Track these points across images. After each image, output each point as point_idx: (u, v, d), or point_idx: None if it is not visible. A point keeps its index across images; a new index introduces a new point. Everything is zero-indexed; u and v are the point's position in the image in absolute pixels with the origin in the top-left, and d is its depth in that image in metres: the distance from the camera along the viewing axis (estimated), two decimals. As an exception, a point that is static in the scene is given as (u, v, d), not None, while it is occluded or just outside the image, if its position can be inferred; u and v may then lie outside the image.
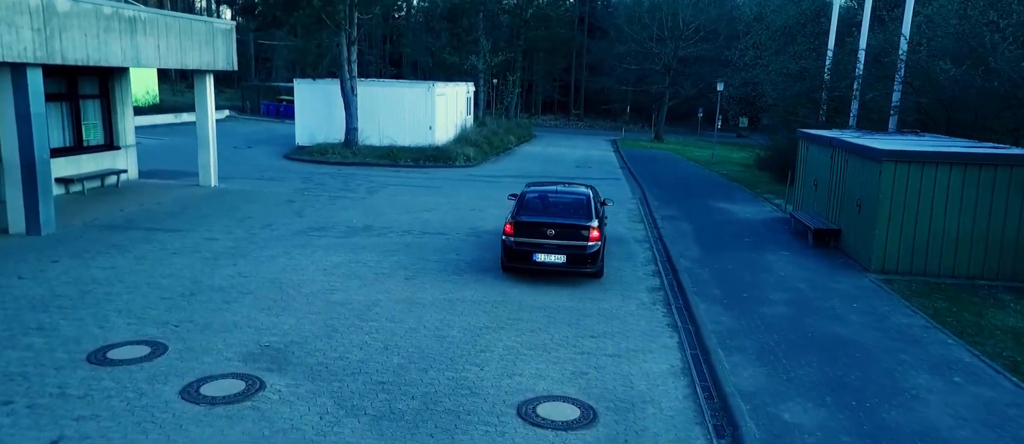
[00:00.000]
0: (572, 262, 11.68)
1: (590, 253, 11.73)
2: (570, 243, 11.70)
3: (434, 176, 25.42)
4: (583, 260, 11.70)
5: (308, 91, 32.32)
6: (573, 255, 11.66)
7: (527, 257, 11.80)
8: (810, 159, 17.05)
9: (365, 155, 28.53)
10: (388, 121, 32.02)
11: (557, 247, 11.70)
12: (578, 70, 77.45)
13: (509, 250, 11.97)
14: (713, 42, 55.06)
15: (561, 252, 11.66)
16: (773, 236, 16.25)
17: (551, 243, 11.74)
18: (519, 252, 11.85)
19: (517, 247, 11.87)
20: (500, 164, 31.22)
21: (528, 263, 11.84)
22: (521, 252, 11.83)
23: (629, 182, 26.26)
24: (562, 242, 11.71)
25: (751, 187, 24.69)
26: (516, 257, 11.91)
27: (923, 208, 12.49)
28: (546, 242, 11.75)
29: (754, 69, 37.57)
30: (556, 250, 11.69)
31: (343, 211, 17.66)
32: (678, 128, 67.91)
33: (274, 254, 13.17)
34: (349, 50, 28.21)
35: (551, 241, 11.74)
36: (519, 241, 11.88)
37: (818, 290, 11.86)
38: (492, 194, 21.41)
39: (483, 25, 55.02)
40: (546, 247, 11.72)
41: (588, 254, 11.72)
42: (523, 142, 45.07)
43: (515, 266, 12.08)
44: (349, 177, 23.87)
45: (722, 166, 33.32)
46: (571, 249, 11.68)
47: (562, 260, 11.66)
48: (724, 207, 20.13)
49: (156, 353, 8.40)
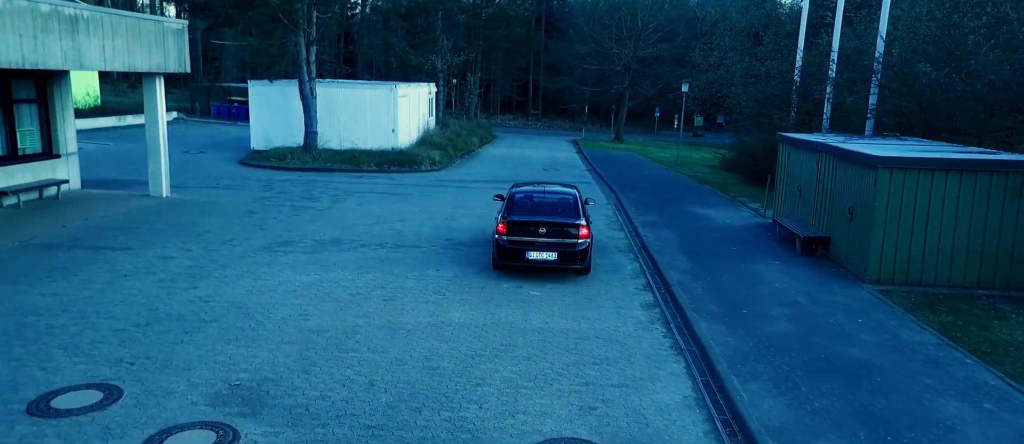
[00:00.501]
0: (563, 260, 12.13)
1: (580, 250, 12.17)
2: (561, 241, 12.15)
3: (400, 182, 24.43)
4: (573, 257, 12.16)
5: (264, 93, 30.91)
6: (564, 253, 12.10)
7: (520, 255, 12.17)
8: (792, 164, 16.69)
9: (326, 160, 27.35)
10: (349, 124, 30.86)
11: (548, 245, 12.13)
12: (536, 70, 76.97)
13: (502, 248, 12.30)
14: (672, 42, 55.16)
15: (552, 250, 12.11)
16: (759, 243, 15.82)
17: (542, 241, 12.16)
18: (512, 250, 12.21)
19: (510, 246, 12.23)
20: (466, 168, 30.37)
21: (521, 261, 12.20)
22: (514, 250, 12.20)
23: (600, 186, 25.71)
24: (553, 240, 12.15)
25: (723, 190, 24.39)
26: (509, 255, 12.26)
27: (919, 216, 12.16)
28: (538, 240, 12.17)
29: (718, 70, 37.57)
30: (547, 247, 12.12)
31: (308, 223, 16.60)
32: (636, 128, 68.02)
33: (237, 274, 12.11)
34: (308, 50, 26.99)
35: (542, 239, 12.16)
36: (512, 240, 12.24)
37: (819, 304, 11.39)
38: (465, 201, 20.57)
39: (441, 25, 54.03)
40: (538, 245, 12.14)
41: (578, 251, 12.16)
42: (485, 144, 44.30)
43: (508, 264, 12.40)
44: (311, 184, 22.72)
45: (688, 168, 33.11)
46: (562, 247, 12.12)
47: (553, 257, 12.10)
48: (702, 212, 19.70)
49: (110, 399, 7.37)
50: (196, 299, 10.69)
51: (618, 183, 25.67)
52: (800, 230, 14.81)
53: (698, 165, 34.65)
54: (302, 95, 27.64)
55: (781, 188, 17.55)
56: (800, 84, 23.75)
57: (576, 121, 74.81)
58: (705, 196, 23.00)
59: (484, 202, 20.38)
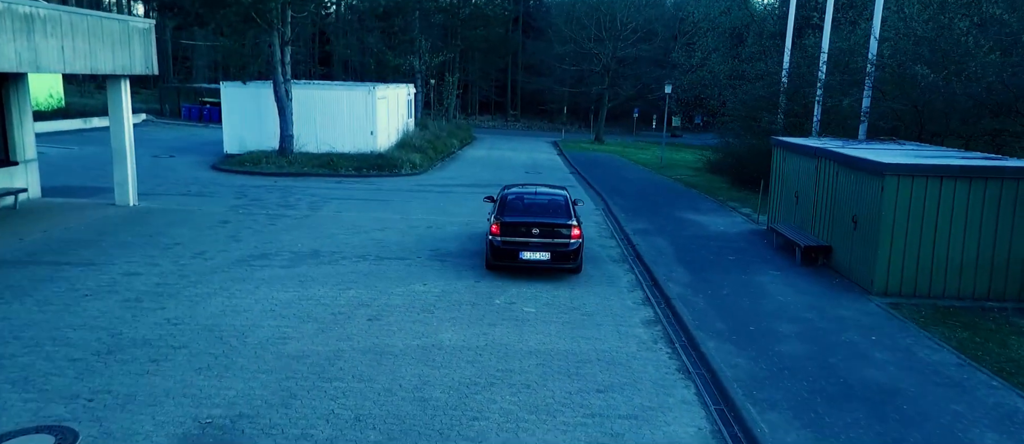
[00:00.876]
0: (556, 259, 12.41)
1: (572, 250, 12.48)
2: (554, 241, 12.41)
3: (380, 187, 23.62)
4: (566, 257, 12.45)
5: (237, 94, 29.87)
6: (557, 253, 12.39)
7: (514, 255, 12.40)
8: (789, 169, 16.21)
9: (302, 164, 26.43)
10: (326, 127, 29.95)
11: (541, 245, 12.38)
12: (515, 70, 76.35)
13: (496, 249, 12.50)
14: (651, 42, 54.86)
15: (545, 250, 12.37)
16: (757, 252, 15.30)
17: (536, 242, 12.40)
18: (506, 251, 12.42)
19: (504, 246, 12.43)
20: (448, 171, 29.61)
21: (515, 261, 12.42)
22: (508, 251, 12.41)
23: (586, 190, 25.11)
24: (546, 240, 12.40)
25: (712, 194, 23.92)
26: (503, 256, 12.47)
27: (927, 226, 11.69)
28: (531, 241, 12.40)
29: (701, 71, 37.25)
30: (540, 248, 12.37)
31: (285, 233, 15.76)
32: (614, 129, 67.74)
33: (209, 291, 11.27)
34: (282, 51, 26.04)
35: (535, 239, 12.40)
36: (505, 240, 12.45)
37: (828, 320, 10.85)
38: (448, 208, 19.82)
39: (418, 25, 53.15)
40: (531, 246, 12.38)
41: (570, 251, 12.46)
42: (465, 145, 43.57)
43: (501, 264, 12.61)
44: (287, 190, 21.82)
45: (672, 170, 32.67)
46: (555, 247, 12.39)
47: (546, 257, 12.36)
48: (694, 218, 19.17)
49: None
50: (164, 321, 9.85)
51: (604, 187, 25.10)
52: (800, 238, 14.30)
53: (681, 167, 34.26)
54: (277, 97, 26.69)
55: (776, 194, 17.07)
56: (788, 86, 23.36)
57: (555, 122, 74.30)
58: (694, 201, 22.50)
59: (468, 209, 19.68)
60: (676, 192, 24.47)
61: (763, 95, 23.38)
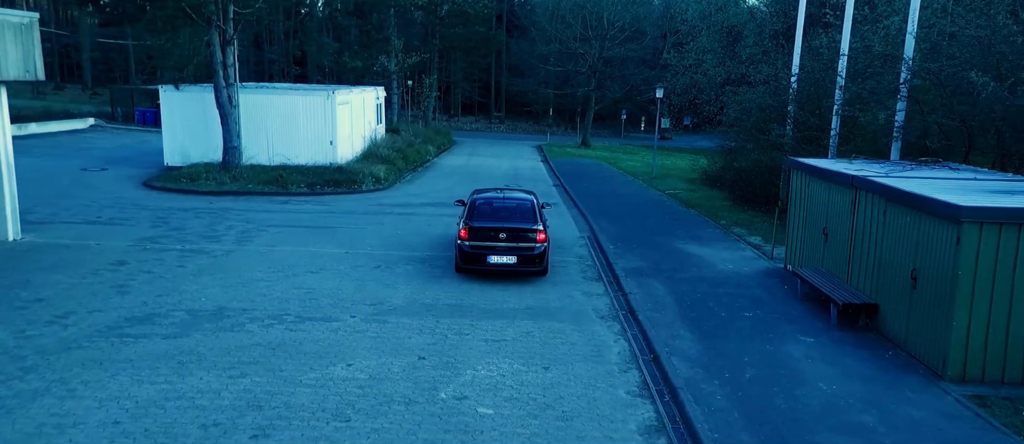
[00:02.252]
0: (522, 262, 12.87)
1: (537, 254, 12.97)
2: (520, 245, 12.87)
3: (333, 208, 20.48)
4: (532, 260, 12.92)
5: (178, 100, 26.58)
6: (523, 256, 12.86)
7: (481, 259, 12.84)
8: (814, 198, 13.27)
9: (248, 180, 23.22)
10: (280, 136, 26.75)
11: (508, 249, 12.81)
12: (498, 70, 73.30)
13: (465, 253, 12.92)
14: (640, 42, 51.98)
15: (512, 254, 12.80)
16: (778, 305, 12.34)
17: (503, 246, 12.82)
18: (474, 255, 12.85)
19: (472, 250, 12.86)
20: (417, 184, 26.53)
21: (483, 265, 12.86)
22: (476, 255, 12.84)
23: (571, 210, 22.11)
24: (512, 244, 12.84)
25: (712, 216, 20.97)
26: (471, 259, 12.90)
27: (1019, 289, 8.77)
28: (498, 245, 12.82)
29: (695, 73, 34.36)
30: (507, 252, 12.79)
31: (192, 279, 12.62)
32: (602, 131, 64.96)
33: (38, 388, 8.14)
34: (224, 50, 22.84)
35: (502, 243, 12.82)
36: (474, 245, 12.86)
37: (896, 427, 7.88)
38: (407, 237, 16.73)
39: (395, 22, 49.92)
40: (498, 250, 12.80)
41: (536, 255, 12.96)
42: (443, 152, 40.50)
43: (470, 268, 13.04)
44: (220, 214, 18.64)
45: (665, 182, 29.76)
46: (521, 251, 12.85)
47: (513, 261, 12.82)
48: (696, 252, 16.19)
49: None
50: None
51: (591, 206, 22.10)
52: (834, 292, 11.34)
53: (674, 177, 31.36)
54: (219, 103, 23.47)
55: (796, 226, 14.14)
56: (798, 92, 20.42)
57: (540, 123, 71.32)
58: (693, 226, 19.53)
59: (431, 236, 16.62)
60: (672, 213, 21.50)
61: (771, 104, 20.43)
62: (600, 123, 64.76)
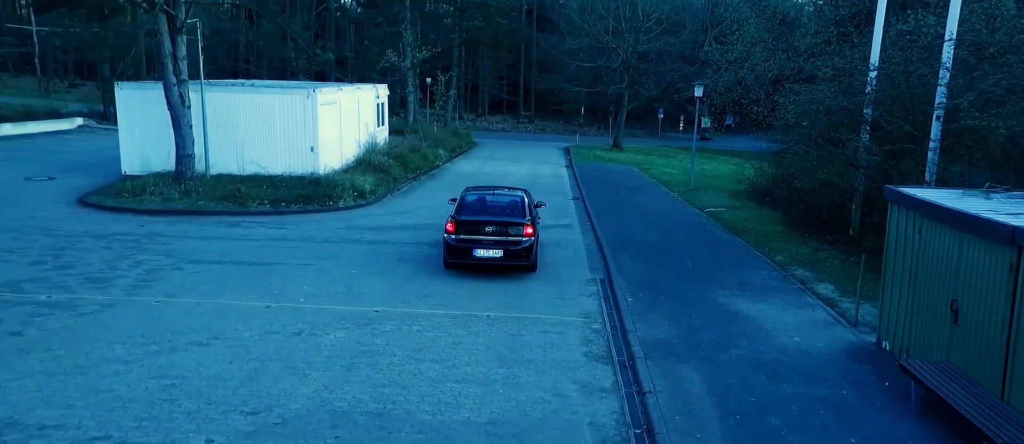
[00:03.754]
0: (508, 257, 12.79)
1: (524, 248, 12.83)
2: (506, 239, 12.81)
3: (290, 233, 16.61)
4: (518, 255, 12.81)
5: (137, 99, 23.09)
6: (509, 250, 12.76)
7: (467, 253, 12.75)
8: (934, 252, 8.85)
9: (203, 195, 19.52)
10: (253, 141, 23.08)
11: (494, 243, 12.77)
12: (528, 67, 69.04)
13: (451, 247, 12.87)
14: (678, 35, 47.25)
15: (498, 247, 12.75)
16: (881, 423, 7.97)
17: (489, 239, 12.79)
18: (460, 248, 12.77)
19: (458, 243, 12.79)
20: (411, 198, 22.62)
21: (469, 258, 12.77)
22: (462, 248, 12.75)
23: (586, 233, 17.92)
24: (499, 238, 12.81)
25: (765, 247, 16.53)
26: (457, 253, 12.83)
27: None
28: (484, 238, 12.79)
29: (741, 69, 29.73)
30: (493, 245, 12.74)
31: (10, 361, 8.78)
32: (636, 131, 60.41)
33: None
34: (174, 39, 19.19)
35: (489, 238, 12.80)
36: (460, 238, 12.82)
37: None
38: (362, 278, 12.68)
39: (411, 14, 46.16)
40: (484, 243, 12.75)
41: (522, 249, 12.82)
42: (458, 155, 36.59)
43: (457, 262, 12.95)
44: (139, 244, 14.91)
45: (705, 195, 25.33)
46: (507, 244, 12.77)
47: (499, 255, 12.74)
48: (746, 310, 11.83)
49: None
50: None
51: (611, 231, 17.84)
52: (985, 420, 6.95)
53: (715, 188, 26.89)
54: (169, 104, 19.83)
55: (898, 287, 9.72)
56: (878, 90, 15.80)
57: (572, 123, 66.95)
58: (741, 264, 15.13)
59: (394, 280, 12.50)
60: (714, 244, 17.11)
61: (843, 106, 15.85)
62: (635, 122, 60.15)
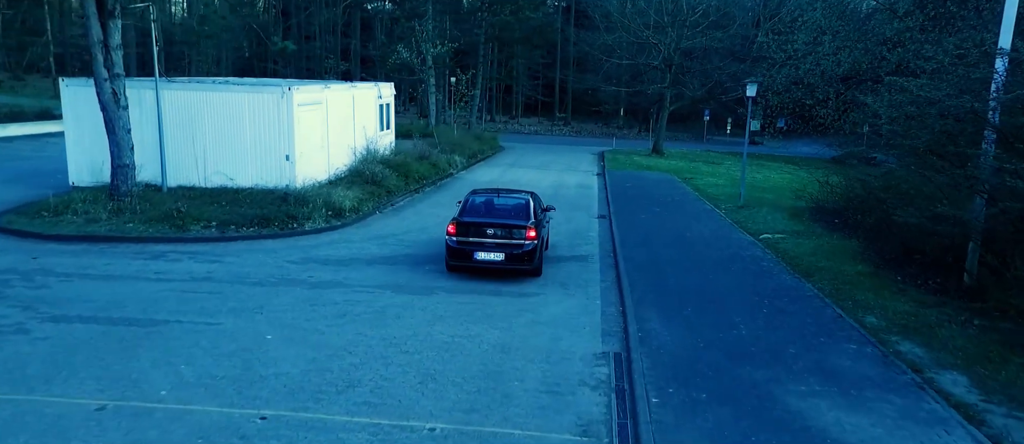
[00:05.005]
0: (510, 260, 12.35)
1: (527, 251, 12.34)
2: (509, 242, 12.37)
3: (219, 271, 12.87)
4: (520, 258, 12.36)
5: (87, 99, 19.68)
6: (511, 253, 12.33)
7: (469, 256, 12.43)
8: None
9: (137, 215, 15.97)
10: (219, 147, 19.56)
11: (496, 246, 12.37)
12: (563, 66, 64.86)
13: (452, 250, 12.56)
14: (726, 29, 42.54)
15: (500, 250, 12.34)
16: None
17: (491, 242, 12.39)
18: (461, 251, 12.45)
19: (460, 246, 12.47)
20: (403, 216, 18.82)
21: (470, 261, 12.45)
22: (463, 251, 12.44)
23: (606, 271, 13.81)
24: (501, 241, 12.39)
25: (845, 297, 12.16)
26: (459, 256, 12.50)
27: None
28: (486, 241, 12.40)
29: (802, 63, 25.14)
30: (495, 248, 12.35)
31: None
32: (680, 134, 55.82)
33: None
34: (105, 26, 15.72)
35: (491, 240, 12.40)
36: (461, 240, 12.49)
37: None
38: (279, 352, 8.77)
39: (433, 8, 42.52)
40: (486, 246, 12.37)
41: (525, 252, 12.34)
42: (477, 161, 32.77)
43: (458, 264, 12.62)
44: (4, 286, 11.34)
45: (758, 214, 20.98)
46: (509, 247, 12.33)
47: (501, 258, 12.33)
48: (837, 429, 7.57)
49: None
50: None
51: (638, 271, 13.69)
52: None
53: (770, 205, 22.50)
54: (101, 102, 16.40)
55: None
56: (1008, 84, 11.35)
57: (610, 125, 62.56)
58: (817, 329, 10.80)
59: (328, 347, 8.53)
60: (774, 290, 12.78)
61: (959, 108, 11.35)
62: (679, 124, 55.55)
